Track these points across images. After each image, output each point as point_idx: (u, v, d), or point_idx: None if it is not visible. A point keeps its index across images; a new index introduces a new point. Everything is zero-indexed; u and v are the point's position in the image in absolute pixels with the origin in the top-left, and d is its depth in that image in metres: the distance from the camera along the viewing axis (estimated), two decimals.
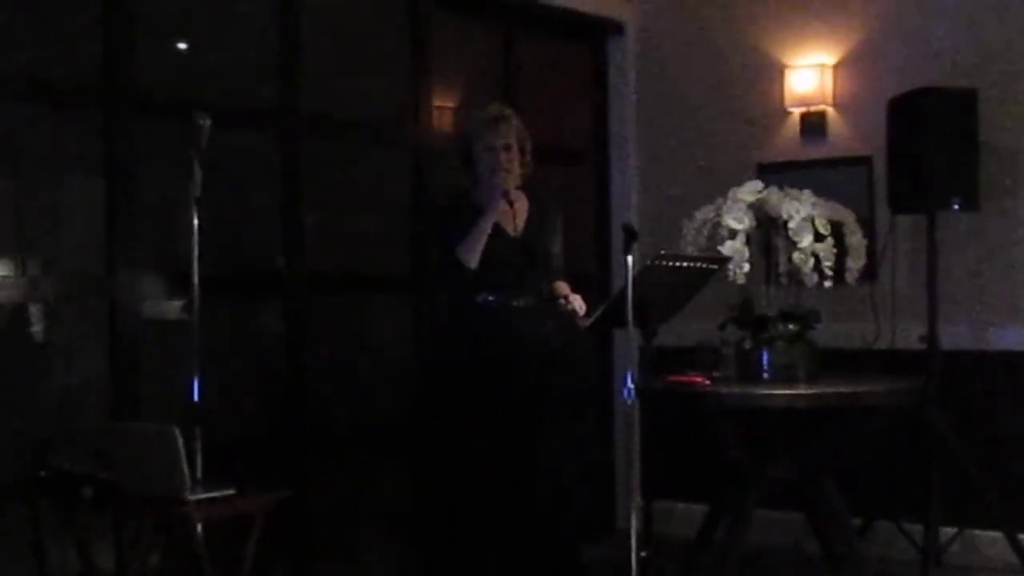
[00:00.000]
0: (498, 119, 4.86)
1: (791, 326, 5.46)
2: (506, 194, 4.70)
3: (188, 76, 4.84)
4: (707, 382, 5.39)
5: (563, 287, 4.93)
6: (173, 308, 4.60)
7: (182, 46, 4.95)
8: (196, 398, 4.17)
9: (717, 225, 5.51)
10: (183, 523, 3.95)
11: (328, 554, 5.27)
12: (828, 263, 5.40)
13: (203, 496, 3.98)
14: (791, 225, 5.39)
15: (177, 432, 3.86)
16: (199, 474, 4.11)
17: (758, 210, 5.48)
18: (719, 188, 5.69)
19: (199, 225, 4.12)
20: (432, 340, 5.22)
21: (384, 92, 5.70)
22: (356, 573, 5.36)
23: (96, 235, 4.56)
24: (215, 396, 4.32)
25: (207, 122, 4.11)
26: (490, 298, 4.71)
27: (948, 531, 5.72)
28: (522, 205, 4.88)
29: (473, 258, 4.62)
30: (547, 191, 5.12)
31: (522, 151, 4.85)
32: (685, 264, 4.77)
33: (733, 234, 5.43)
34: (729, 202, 5.50)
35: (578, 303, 4.86)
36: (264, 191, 5.19)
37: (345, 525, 5.39)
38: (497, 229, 4.70)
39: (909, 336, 5.77)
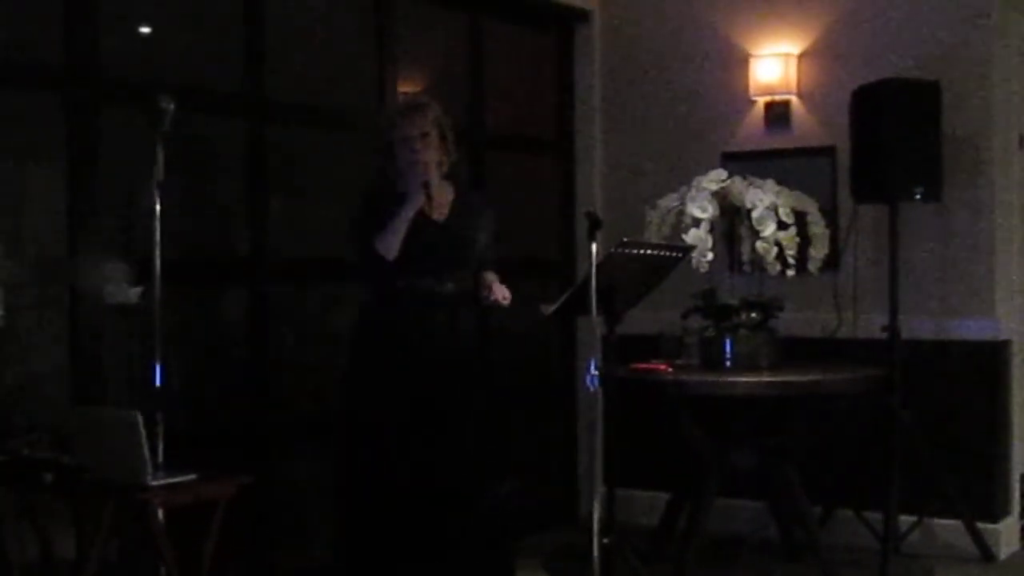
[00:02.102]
0: (413, 108, 4.66)
1: (754, 315, 5.50)
2: (427, 185, 4.56)
3: (152, 59, 4.81)
4: (670, 370, 5.42)
5: (489, 276, 4.73)
6: (133, 293, 4.57)
7: (146, 29, 4.91)
8: (158, 384, 4.16)
9: (681, 213, 5.54)
10: (143, 509, 3.94)
11: (288, 542, 5.26)
12: (791, 252, 5.45)
13: (164, 482, 3.96)
14: (755, 214, 5.43)
15: (138, 417, 3.85)
16: (160, 460, 4.09)
17: (722, 199, 5.51)
18: (684, 177, 5.72)
19: (161, 210, 4.10)
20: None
21: (349, 78, 5.67)
22: (315, 561, 5.33)
23: (57, 219, 4.52)
24: (178, 382, 4.30)
25: (171, 106, 4.09)
26: (412, 282, 4.56)
27: (908, 519, 5.76)
28: (445, 191, 4.71)
29: (391, 250, 4.46)
30: (475, 186, 4.97)
31: (443, 139, 4.70)
32: (648, 252, 4.77)
33: (697, 223, 5.45)
34: (693, 191, 5.52)
35: (502, 293, 4.74)
36: (228, 176, 5.16)
37: (305, 513, 5.38)
38: (420, 214, 4.55)
39: (871, 325, 5.81)
